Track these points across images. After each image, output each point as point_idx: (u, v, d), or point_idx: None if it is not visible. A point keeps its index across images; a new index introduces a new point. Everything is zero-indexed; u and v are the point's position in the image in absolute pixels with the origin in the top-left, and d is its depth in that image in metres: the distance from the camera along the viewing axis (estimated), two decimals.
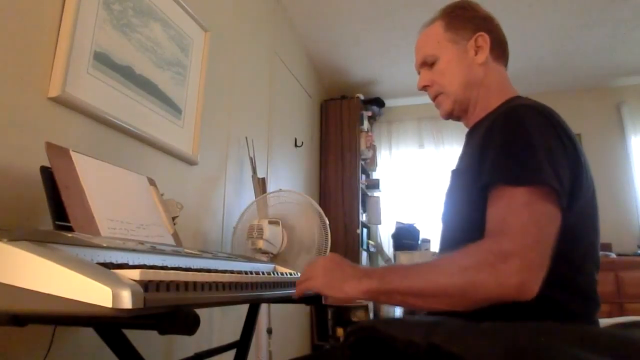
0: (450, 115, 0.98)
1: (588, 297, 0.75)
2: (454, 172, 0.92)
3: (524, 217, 0.67)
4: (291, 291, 1.03)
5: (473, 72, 0.93)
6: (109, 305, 0.48)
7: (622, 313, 2.89)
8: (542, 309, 0.71)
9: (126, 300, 0.48)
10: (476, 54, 0.93)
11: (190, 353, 1.38)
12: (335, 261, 0.81)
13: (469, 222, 0.78)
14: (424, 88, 1.00)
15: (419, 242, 3.67)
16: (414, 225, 3.73)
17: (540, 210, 0.67)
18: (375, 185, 4.01)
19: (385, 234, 4.02)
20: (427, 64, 0.98)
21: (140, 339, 1.12)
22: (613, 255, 3.16)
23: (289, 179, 2.94)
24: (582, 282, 0.75)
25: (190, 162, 1.72)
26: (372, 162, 4.13)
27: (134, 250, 0.74)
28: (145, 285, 0.53)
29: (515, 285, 0.63)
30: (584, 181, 0.74)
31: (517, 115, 0.77)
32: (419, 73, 1.01)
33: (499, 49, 0.95)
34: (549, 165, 0.68)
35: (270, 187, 2.33)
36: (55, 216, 0.85)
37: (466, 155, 0.90)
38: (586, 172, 0.75)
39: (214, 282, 0.69)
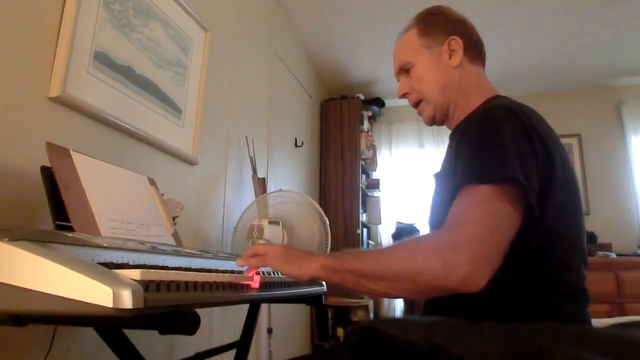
0: (433, 121, 0.99)
1: (576, 292, 0.76)
2: (436, 176, 0.94)
3: (481, 212, 0.68)
4: (291, 291, 1.03)
5: (449, 76, 0.94)
6: (110, 305, 0.48)
7: (622, 313, 2.89)
8: (530, 306, 0.73)
9: (127, 300, 0.48)
10: (450, 57, 0.94)
11: (191, 353, 1.38)
12: (291, 246, 0.84)
13: None
14: (404, 95, 1.01)
15: None
16: (414, 225, 3.72)
17: (499, 207, 0.68)
18: (375, 185, 4.01)
19: (385, 234, 4.02)
20: (404, 71, 0.99)
21: (141, 339, 1.12)
22: (613, 255, 3.16)
23: (289, 179, 2.94)
24: (569, 279, 0.75)
25: (190, 162, 1.72)
26: (372, 162, 4.13)
27: (134, 250, 0.74)
28: (146, 285, 0.53)
29: (462, 276, 0.64)
30: (558, 180, 0.74)
31: (489, 117, 0.78)
32: (398, 80, 1.02)
33: (474, 51, 0.96)
34: (517, 165, 0.69)
35: (270, 187, 2.33)
36: (56, 216, 0.85)
37: (447, 158, 0.91)
38: (563, 172, 0.76)
39: (214, 282, 0.69)
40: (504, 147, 0.71)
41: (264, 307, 1.91)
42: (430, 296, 0.70)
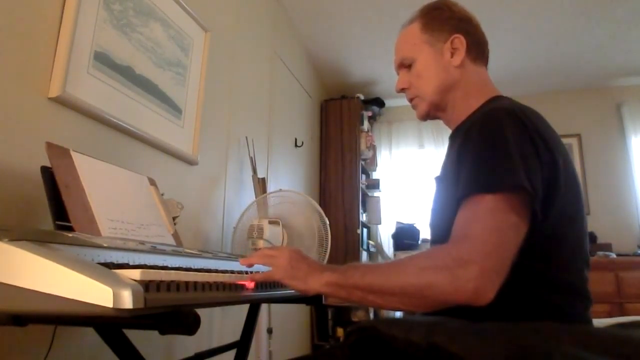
0: (427, 117, 0.99)
1: (578, 294, 0.76)
2: (437, 179, 0.93)
3: (486, 224, 0.68)
4: (291, 291, 1.03)
5: (449, 75, 0.92)
6: (110, 305, 0.48)
7: (622, 313, 2.89)
8: (531, 308, 0.73)
9: (127, 300, 0.48)
10: (452, 56, 0.92)
11: (191, 353, 1.38)
12: (300, 254, 0.82)
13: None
14: (402, 90, 0.99)
15: (419, 242, 3.67)
16: (414, 225, 3.72)
17: (504, 217, 0.68)
18: (375, 185, 4.01)
19: (385, 234, 4.02)
20: (404, 66, 0.98)
21: (141, 339, 1.12)
22: (613, 255, 3.16)
23: (289, 179, 2.94)
24: (571, 280, 0.75)
25: (190, 162, 1.72)
26: (372, 162, 4.13)
27: (134, 250, 0.74)
28: (146, 285, 0.53)
29: (470, 291, 0.64)
30: (561, 183, 0.73)
31: (490, 120, 0.76)
32: (398, 74, 1.00)
33: (477, 50, 0.94)
34: (521, 171, 0.69)
35: (270, 187, 2.33)
36: (56, 216, 0.85)
37: (447, 161, 0.90)
38: (566, 174, 0.75)
39: (214, 282, 0.69)
40: (508, 153, 0.70)
41: (264, 307, 1.91)
42: (439, 309, 0.70)
